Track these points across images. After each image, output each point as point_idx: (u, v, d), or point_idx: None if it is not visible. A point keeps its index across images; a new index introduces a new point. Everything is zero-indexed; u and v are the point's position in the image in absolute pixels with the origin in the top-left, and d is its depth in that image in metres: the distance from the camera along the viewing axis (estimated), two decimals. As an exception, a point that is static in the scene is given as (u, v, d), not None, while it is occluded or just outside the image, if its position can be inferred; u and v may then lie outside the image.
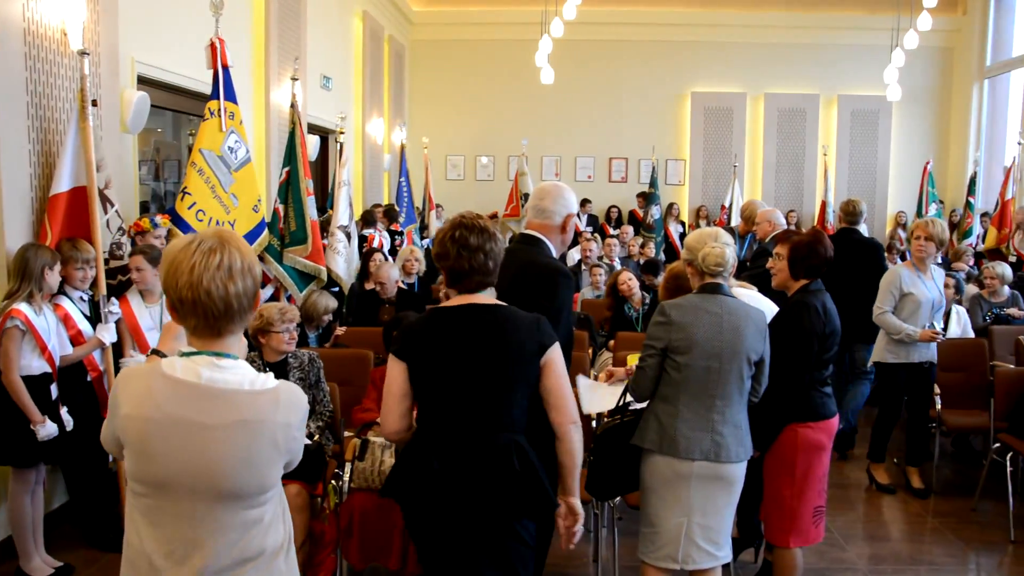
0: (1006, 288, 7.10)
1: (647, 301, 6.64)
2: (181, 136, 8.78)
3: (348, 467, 4.09)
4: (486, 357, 2.59)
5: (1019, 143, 11.26)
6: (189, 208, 5.25)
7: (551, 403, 2.66)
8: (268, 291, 6.21)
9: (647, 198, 13.21)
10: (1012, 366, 5.95)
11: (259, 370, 1.98)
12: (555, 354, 2.66)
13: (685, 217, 14.18)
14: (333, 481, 4.22)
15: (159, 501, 1.86)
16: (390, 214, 10.07)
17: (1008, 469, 5.09)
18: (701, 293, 3.26)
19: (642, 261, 8.78)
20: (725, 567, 3.39)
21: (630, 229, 11.48)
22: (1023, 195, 11.62)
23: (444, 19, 14.15)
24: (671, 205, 13.82)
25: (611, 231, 12.35)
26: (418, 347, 2.63)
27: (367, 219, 9.28)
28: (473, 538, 2.59)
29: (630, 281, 6.65)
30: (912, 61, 12.21)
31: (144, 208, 6.95)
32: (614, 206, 13.99)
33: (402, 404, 2.64)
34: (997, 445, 5.22)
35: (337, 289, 6.75)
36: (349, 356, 5.23)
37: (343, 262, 6.88)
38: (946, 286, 5.97)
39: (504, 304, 2.70)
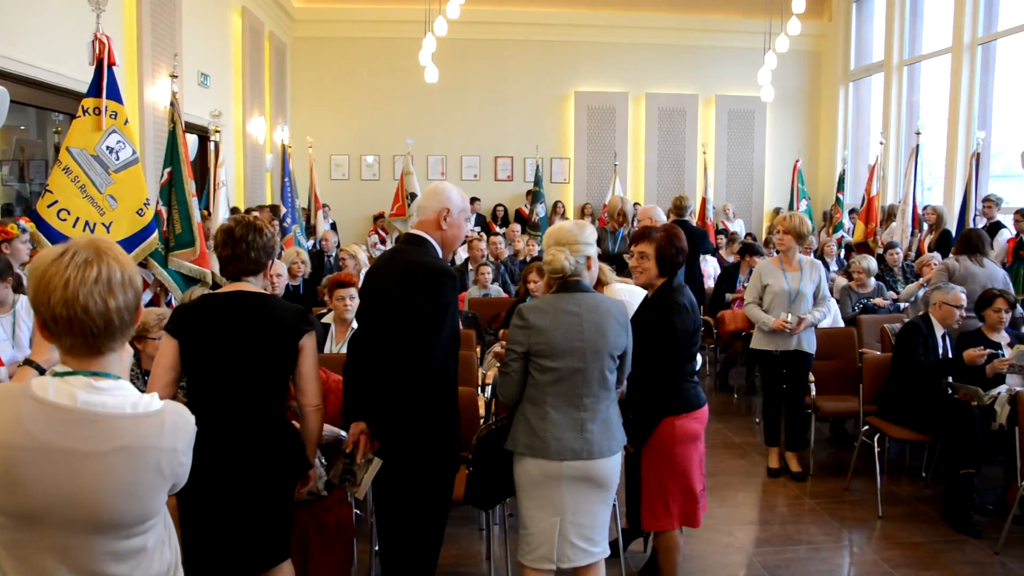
0: (872, 279, 7.52)
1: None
2: (47, 134, 8.31)
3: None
4: (249, 339, 2.90)
5: (881, 143, 11.92)
6: (49, 207, 4.99)
7: (299, 386, 3.04)
8: (147, 296, 5.96)
9: (533, 196, 13.35)
10: (879, 353, 6.28)
11: (136, 378, 1.85)
12: (309, 342, 3.00)
13: (571, 215, 14.38)
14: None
15: (26, 535, 1.69)
16: (275, 212, 9.79)
17: (876, 450, 5.38)
18: (559, 292, 3.21)
19: (528, 259, 8.87)
20: (614, 560, 3.44)
21: (517, 227, 11.57)
22: (887, 191, 12.31)
23: (326, 16, 13.91)
24: (556, 203, 14.01)
25: (498, 230, 12.42)
26: (189, 326, 2.93)
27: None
28: (232, 499, 2.85)
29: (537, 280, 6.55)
30: (784, 64, 12.76)
31: (7, 211, 6.56)
32: (500, 205, 14.06)
33: (167, 375, 2.91)
34: (866, 428, 5.51)
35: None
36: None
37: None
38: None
39: (269, 294, 3.07)
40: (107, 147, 5.24)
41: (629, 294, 4.39)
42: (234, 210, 10.22)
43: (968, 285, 5.94)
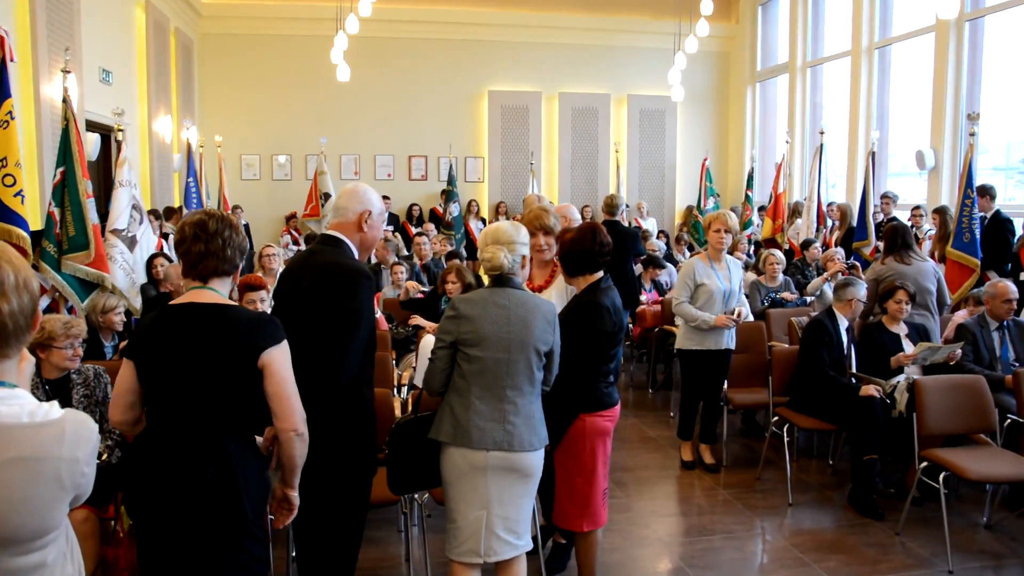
0: (780, 274, 7.75)
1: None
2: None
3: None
4: (202, 359, 2.57)
5: (787, 141, 12.30)
6: None
7: (272, 409, 2.64)
8: (44, 302, 5.71)
9: (447, 196, 13.33)
10: (787, 345, 6.48)
11: (36, 388, 1.77)
12: (274, 356, 2.60)
13: (485, 214, 14.41)
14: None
15: None
16: (158, 215, 9.48)
17: (786, 440, 5.55)
18: (491, 287, 3.32)
19: (442, 259, 8.86)
20: (533, 555, 3.47)
21: (432, 227, 11.55)
22: (793, 189, 12.71)
23: (234, 12, 13.58)
24: (471, 202, 14.01)
25: (413, 229, 12.36)
26: (143, 347, 2.66)
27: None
28: (186, 543, 2.55)
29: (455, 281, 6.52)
30: (693, 64, 13.05)
31: None
32: (415, 204, 14.00)
33: (126, 398, 2.67)
34: (776, 419, 5.68)
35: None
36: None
37: (119, 270, 6.38)
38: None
39: (231, 304, 2.68)
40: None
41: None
42: (167, 211, 9.91)
43: (901, 277, 5.94)
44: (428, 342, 3.95)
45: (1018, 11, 9.47)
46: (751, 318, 6.02)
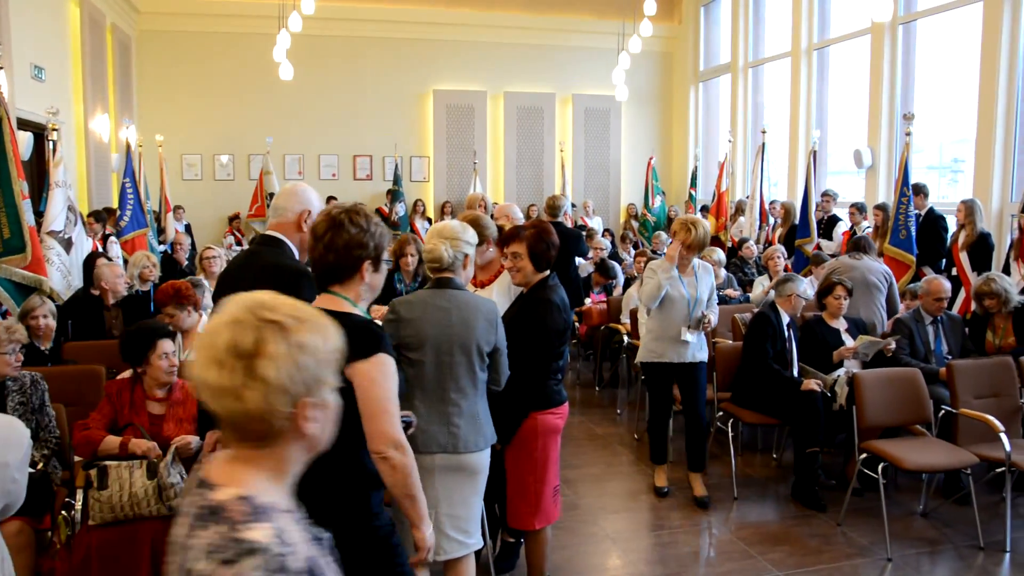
0: (723, 271, 7.85)
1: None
2: None
3: (80, 495, 3.73)
4: None
5: (729, 141, 12.49)
6: None
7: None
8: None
9: (393, 195, 13.26)
10: (730, 342, 6.57)
11: None
12: (357, 370, 2.41)
13: (431, 213, 14.36)
14: (63, 512, 3.84)
15: None
16: (99, 216, 9.26)
17: (730, 435, 5.64)
18: (432, 288, 3.27)
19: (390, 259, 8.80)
20: (483, 553, 3.46)
21: (379, 227, 11.46)
22: (736, 187, 12.91)
23: (174, 8, 13.29)
24: (416, 202, 13.95)
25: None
26: None
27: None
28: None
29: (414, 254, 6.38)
30: (637, 64, 13.18)
31: None
32: (361, 204, 13.85)
33: None
34: (720, 414, 5.76)
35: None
36: (78, 373, 4.73)
37: (56, 272, 6.20)
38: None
39: (344, 311, 2.49)
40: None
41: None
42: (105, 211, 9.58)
43: (847, 274, 6.12)
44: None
45: (948, 16, 9.77)
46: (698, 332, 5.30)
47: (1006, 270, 6.97)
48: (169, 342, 3.90)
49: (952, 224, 7.93)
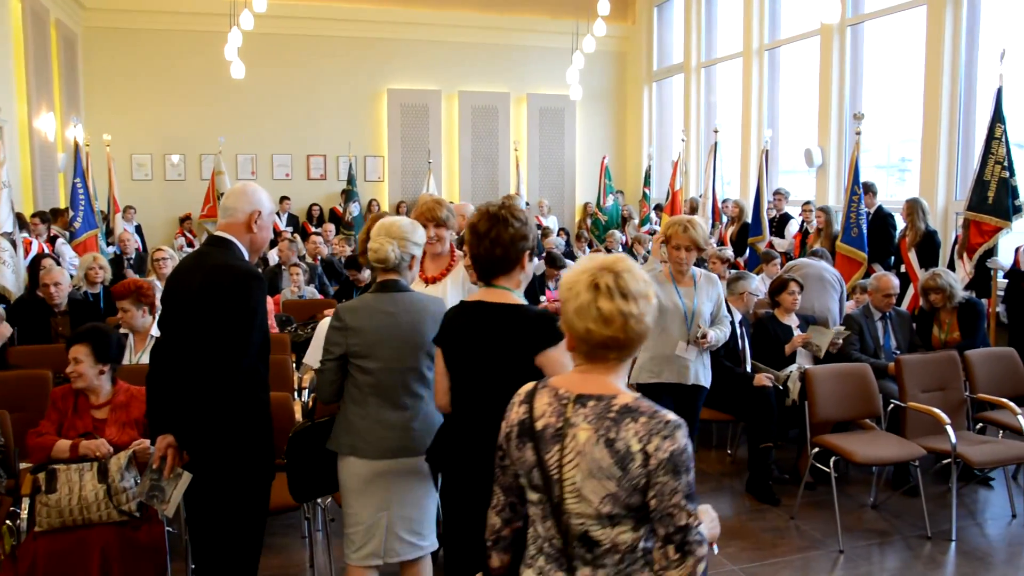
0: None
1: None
2: None
3: (26, 503, 3.63)
4: (486, 355, 2.70)
5: (683, 140, 12.60)
6: None
7: None
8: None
9: (347, 195, 13.16)
10: (685, 339, 6.62)
11: None
12: (549, 356, 2.59)
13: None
14: (8, 521, 3.74)
15: None
16: (45, 217, 9.06)
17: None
18: (376, 292, 3.18)
19: (342, 259, 8.74)
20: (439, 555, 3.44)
21: (332, 227, 11.40)
22: (689, 186, 13.04)
23: (121, 5, 13.01)
24: (371, 202, 13.86)
25: (313, 229, 12.17)
26: (444, 336, 2.86)
27: (21, 223, 8.25)
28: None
29: None
30: (591, 64, 13.24)
31: None
32: (315, 204, 13.77)
33: (442, 383, 2.86)
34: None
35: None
36: (22, 378, 4.59)
37: (8, 271, 6.08)
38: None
39: (513, 303, 2.76)
40: None
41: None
42: (53, 212, 9.36)
43: (802, 271, 6.25)
44: (325, 325, 3.74)
45: (894, 18, 9.97)
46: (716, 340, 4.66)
47: (951, 266, 7.14)
48: (78, 347, 3.73)
49: (901, 222, 8.09)
